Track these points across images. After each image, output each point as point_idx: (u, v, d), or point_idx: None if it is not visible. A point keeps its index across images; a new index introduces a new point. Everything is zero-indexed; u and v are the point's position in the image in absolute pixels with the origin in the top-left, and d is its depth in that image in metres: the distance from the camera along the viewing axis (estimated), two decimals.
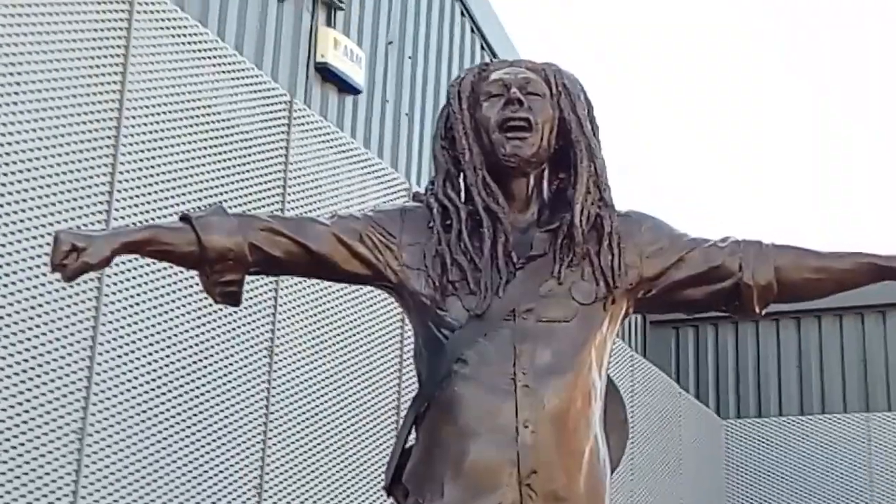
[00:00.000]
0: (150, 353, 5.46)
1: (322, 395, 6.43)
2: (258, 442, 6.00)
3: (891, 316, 11.74)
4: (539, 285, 2.91)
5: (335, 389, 6.53)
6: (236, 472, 5.89)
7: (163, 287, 5.51)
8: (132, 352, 5.36)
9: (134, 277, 5.39)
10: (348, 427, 6.57)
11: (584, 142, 3.02)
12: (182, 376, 5.62)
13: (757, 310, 3.03)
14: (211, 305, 5.13)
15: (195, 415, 5.69)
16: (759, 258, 3.01)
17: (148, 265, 5.29)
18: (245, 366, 5.98)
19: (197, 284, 3.41)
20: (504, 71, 3.06)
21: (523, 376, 2.82)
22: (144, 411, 5.41)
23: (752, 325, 12.06)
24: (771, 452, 11.45)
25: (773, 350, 12.12)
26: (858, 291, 3.19)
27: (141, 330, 5.42)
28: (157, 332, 5.50)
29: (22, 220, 4.90)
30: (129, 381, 5.34)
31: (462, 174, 3.03)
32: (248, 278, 2.96)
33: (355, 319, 6.70)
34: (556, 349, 2.86)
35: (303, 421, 6.30)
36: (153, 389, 5.46)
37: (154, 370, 5.47)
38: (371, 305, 6.61)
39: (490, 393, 2.82)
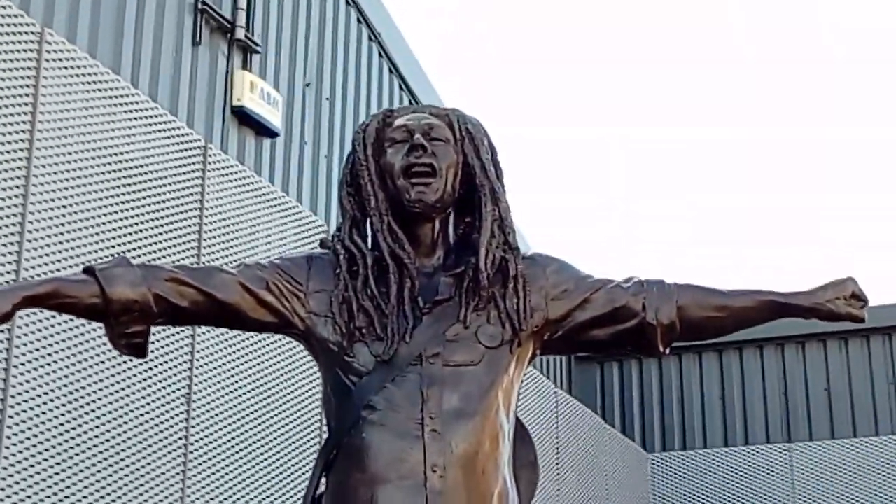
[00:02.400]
0: (64, 404, 5.40)
1: (241, 443, 6.40)
2: (177, 490, 5.95)
3: (809, 346, 11.89)
4: (445, 330, 2.92)
5: (254, 436, 6.50)
6: None
7: (75, 336, 5.46)
8: (44, 404, 5.30)
9: (46, 328, 5.33)
10: (269, 473, 6.53)
11: (488, 186, 3.04)
12: (97, 426, 5.57)
13: (661, 349, 3.07)
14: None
15: (112, 464, 5.62)
16: (662, 298, 3.05)
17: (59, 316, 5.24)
18: (162, 413, 5.94)
19: None
20: (408, 117, 3.07)
21: (431, 421, 2.83)
22: (58, 463, 5.34)
23: (675, 359, 12.17)
24: (695, 485, 11.52)
25: (697, 383, 12.23)
26: (777, 323, 3.25)
27: (54, 381, 5.36)
28: (71, 382, 5.45)
29: None
30: (42, 432, 5.28)
31: (368, 220, 3.04)
32: (164, 327, 2.95)
33: (274, 365, 6.67)
34: (463, 393, 2.87)
35: (222, 469, 6.25)
36: (66, 442, 5.40)
37: (67, 420, 5.41)
38: (289, 351, 6.57)
39: (398, 438, 2.82)
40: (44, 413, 5.29)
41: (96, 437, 5.54)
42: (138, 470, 5.75)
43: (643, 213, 33.69)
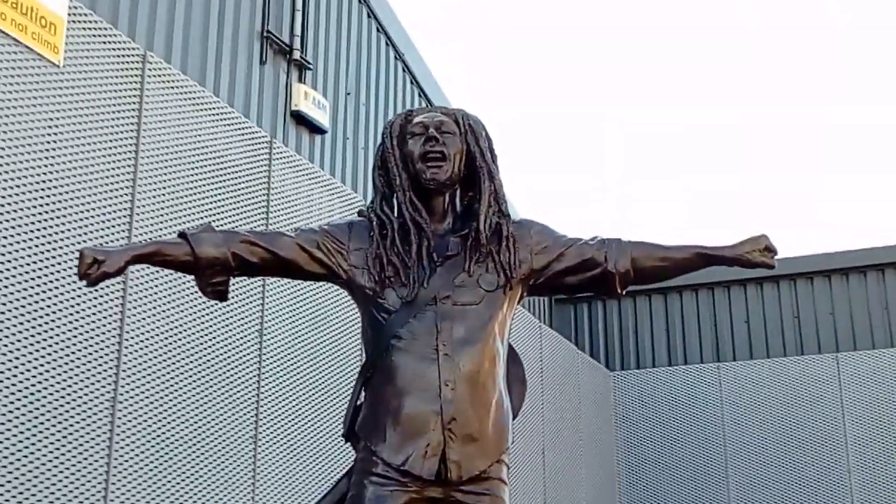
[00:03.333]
0: (174, 343, 5.42)
1: (309, 366, 6.41)
2: (252, 411, 5.96)
3: (733, 289, 11.87)
4: (454, 277, 2.93)
5: (316, 359, 6.51)
6: (242, 465, 5.84)
7: (178, 288, 5.48)
8: (156, 344, 5.32)
9: (155, 280, 5.35)
10: (326, 388, 6.54)
11: (485, 168, 3.05)
12: (190, 362, 5.58)
13: (620, 291, 3.07)
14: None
15: (199, 393, 5.64)
16: (620, 252, 3.04)
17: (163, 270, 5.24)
18: (239, 346, 5.95)
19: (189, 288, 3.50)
20: (424, 115, 3.07)
21: (444, 347, 2.84)
22: (172, 397, 5.36)
23: (630, 300, 12.16)
24: (647, 395, 11.55)
25: (647, 317, 12.22)
26: (709, 271, 3.23)
27: (164, 323, 5.38)
28: (173, 325, 5.47)
29: (65, 240, 4.86)
30: (155, 367, 5.31)
31: (394, 195, 3.04)
32: (241, 278, 2.95)
33: (329, 307, 6.68)
34: (468, 326, 2.88)
35: (293, 382, 6.26)
36: (173, 372, 5.42)
37: (178, 360, 5.44)
38: (338, 298, 6.57)
39: (419, 360, 2.84)
40: (155, 352, 5.31)
41: (191, 370, 5.56)
42: (217, 397, 5.76)
43: (638, 195, 28.73)
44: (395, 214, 3.01)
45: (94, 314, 4.96)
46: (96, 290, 4.84)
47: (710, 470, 10.96)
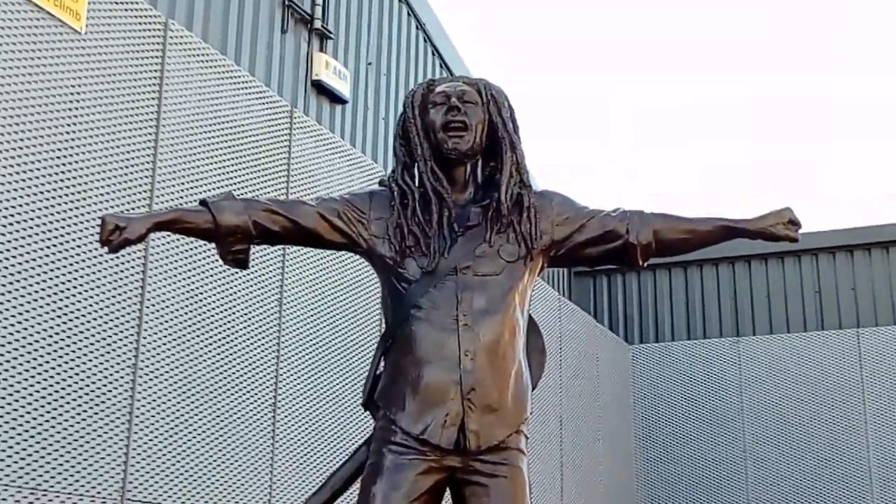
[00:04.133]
0: (194, 310, 5.45)
1: (329, 332, 6.44)
2: (272, 379, 5.99)
3: (754, 263, 11.82)
4: (475, 248, 2.92)
5: (336, 327, 6.53)
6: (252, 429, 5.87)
7: (197, 254, 5.50)
8: (176, 311, 5.35)
9: (175, 246, 5.37)
10: (346, 356, 6.57)
11: (507, 138, 3.03)
12: (211, 321, 5.61)
13: (641, 263, 3.05)
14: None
15: (223, 353, 5.67)
16: (642, 223, 3.02)
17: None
18: (258, 314, 5.97)
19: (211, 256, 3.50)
20: (446, 85, 3.05)
21: (464, 317, 2.83)
22: (188, 355, 5.39)
23: (650, 273, 12.13)
24: (665, 368, 11.53)
25: (667, 291, 12.19)
26: (730, 244, 3.20)
27: (185, 291, 5.41)
28: (192, 287, 5.49)
29: (86, 207, 4.88)
30: (174, 335, 5.34)
31: (415, 165, 3.03)
32: (260, 247, 2.95)
33: (348, 278, 6.69)
34: (488, 296, 2.87)
35: (313, 350, 6.29)
36: (192, 331, 5.45)
37: (198, 327, 5.46)
38: (357, 268, 6.58)
39: (439, 330, 2.83)
40: (175, 317, 5.34)
41: (211, 336, 5.59)
42: (236, 364, 5.79)
43: (645, 166, 28.18)
44: (416, 184, 2.99)
45: (115, 281, 4.98)
46: (117, 258, 4.87)
47: (728, 444, 10.96)
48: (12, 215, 4.50)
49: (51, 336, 4.61)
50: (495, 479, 2.81)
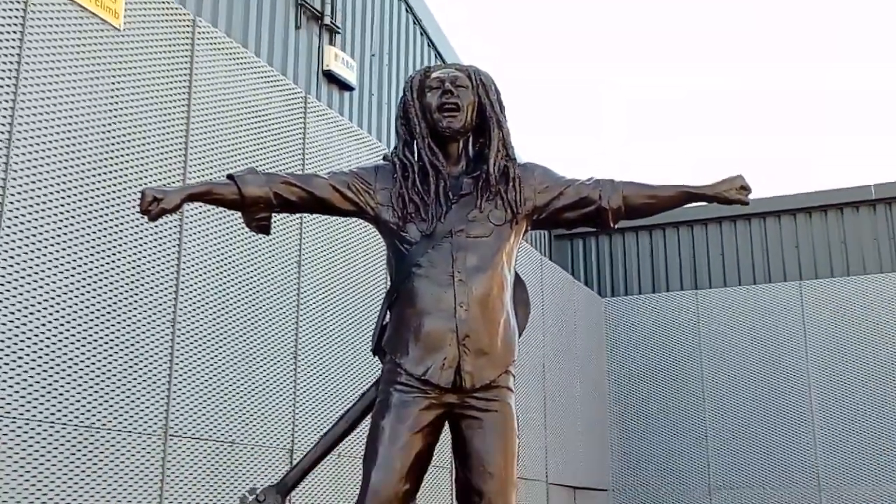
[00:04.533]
0: (224, 271, 5.45)
1: (344, 293, 6.44)
2: (293, 321, 6.00)
3: (710, 226, 11.82)
4: (467, 213, 2.91)
5: (351, 285, 6.53)
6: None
7: (229, 221, 5.49)
8: (209, 272, 5.35)
9: (209, 215, 5.36)
10: (358, 309, 6.58)
11: (494, 117, 3.01)
12: (243, 282, 5.61)
13: (612, 224, 3.04)
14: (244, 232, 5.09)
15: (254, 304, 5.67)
16: (613, 190, 3.01)
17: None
18: (278, 272, 5.97)
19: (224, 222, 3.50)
20: (441, 71, 3.03)
21: (458, 274, 2.83)
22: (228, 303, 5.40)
23: (620, 235, 12.12)
24: (633, 319, 11.57)
25: (634, 250, 12.19)
26: (689, 209, 3.20)
27: (216, 254, 5.40)
28: (228, 255, 5.48)
29: (128, 183, 4.86)
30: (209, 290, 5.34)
31: (414, 142, 3.02)
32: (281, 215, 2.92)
33: (360, 240, 6.68)
34: (480, 255, 2.87)
35: (330, 308, 6.30)
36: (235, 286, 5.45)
37: (228, 285, 5.46)
38: (368, 233, 6.57)
39: (437, 285, 2.84)
40: (210, 271, 5.34)
41: (240, 293, 5.60)
42: (262, 316, 5.79)
43: (638, 159, 27.04)
44: (416, 159, 2.98)
45: (154, 247, 4.98)
46: (156, 226, 4.86)
47: (688, 381, 11.03)
48: (67, 189, 4.48)
49: (102, 292, 4.62)
50: (488, 413, 2.83)
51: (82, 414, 4.44)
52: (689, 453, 10.78)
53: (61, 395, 4.36)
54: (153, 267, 4.95)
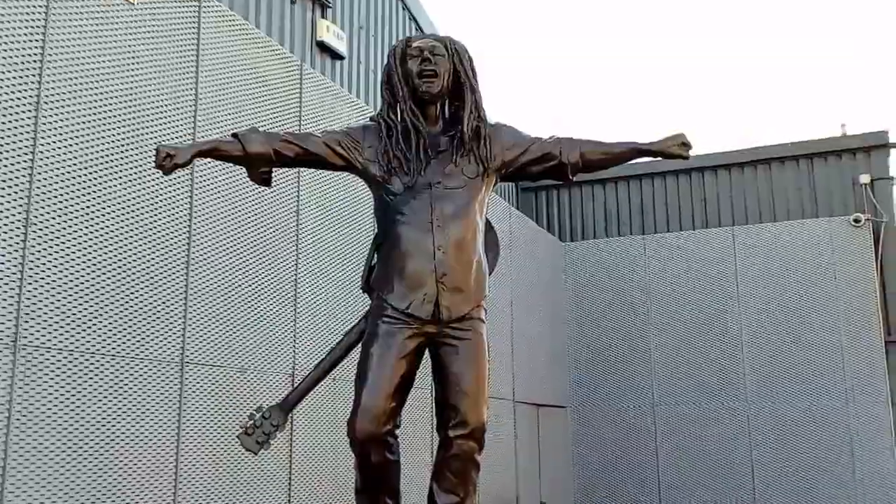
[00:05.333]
0: (232, 219, 5.41)
1: (341, 237, 6.42)
2: (291, 281, 5.97)
3: (656, 179, 11.84)
4: (444, 168, 2.92)
5: (345, 229, 6.51)
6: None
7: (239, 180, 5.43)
8: (218, 223, 5.31)
9: (219, 170, 5.30)
10: (356, 250, 6.57)
11: (468, 83, 3.01)
12: (260, 228, 5.57)
13: (571, 177, 3.06)
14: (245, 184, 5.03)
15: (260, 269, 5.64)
16: (571, 146, 3.02)
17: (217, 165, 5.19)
18: (279, 217, 5.93)
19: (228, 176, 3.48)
20: (420, 41, 3.01)
21: (437, 220, 2.85)
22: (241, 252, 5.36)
23: (578, 188, 12.13)
24: (590, 262, 11.63)
25: (591, 201, 12.22)
26: (637, 165, 3.21)
27: (223, 205, 5.36)
28: (234, 205, 5.44)
29: (145, 141, 4.79)
30: (219, 245, 5.30)
31: (397, 104, 3.00)
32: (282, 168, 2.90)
33: (354, 192, 6.65)
34: (455, 205, 2.89)
35: (329, 254, 6.29)
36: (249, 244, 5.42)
37: (235, 234, 5.42)
38: (356, 186, 6.53)
39: (418, 231, 2.85)
40: (223, 219, 5.30)
41: (245, 231, 5.57)
42: (264, 260, 5.77)
43: (595, 122, 25.88)
44: (399, 120, 2.97)
45: (169, 197, 4.93)
46: (171, 179, 4.80)
47: (636, 316, 11.15)
48: (91, 149, 4.41)
49: (127, 238, 4.58)
50: (462, 341, 2.87)
51: (111, 345, 4.44)
52: (635, 375, 10.96)
53: (95, 327, 4.35)
54: (169, 215, 4.91)
